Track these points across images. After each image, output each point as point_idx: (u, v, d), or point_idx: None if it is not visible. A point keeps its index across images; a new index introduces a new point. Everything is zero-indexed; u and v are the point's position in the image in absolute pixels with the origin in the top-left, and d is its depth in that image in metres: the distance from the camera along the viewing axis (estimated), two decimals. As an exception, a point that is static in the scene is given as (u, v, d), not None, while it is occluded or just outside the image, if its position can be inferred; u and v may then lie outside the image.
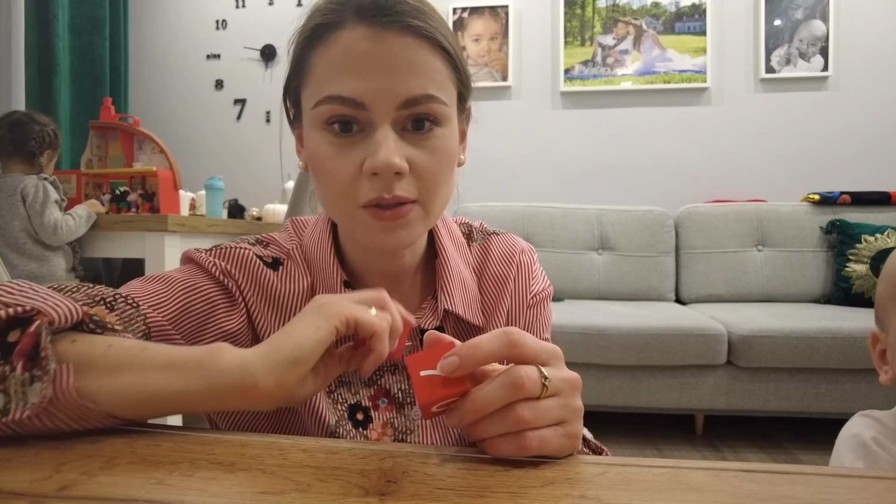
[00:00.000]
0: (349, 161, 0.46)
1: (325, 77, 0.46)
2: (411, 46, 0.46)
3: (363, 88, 0.45)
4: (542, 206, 2.64)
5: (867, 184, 2.60)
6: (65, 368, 0.35)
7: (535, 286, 0.61)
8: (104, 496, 0.28)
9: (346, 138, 0.46)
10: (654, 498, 0.29)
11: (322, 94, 0.46)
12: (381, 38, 0.45)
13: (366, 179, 0.46)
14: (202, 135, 3.19)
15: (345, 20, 0.46)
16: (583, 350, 1.96)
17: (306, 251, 0.57)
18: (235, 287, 0.52)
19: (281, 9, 3.12)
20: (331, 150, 0.47)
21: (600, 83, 2.86)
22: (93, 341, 0.38)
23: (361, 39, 0.45)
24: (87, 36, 2.94)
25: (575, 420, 0.37)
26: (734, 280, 2.46)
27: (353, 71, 0.45)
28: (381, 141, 0.45)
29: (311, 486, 0.30)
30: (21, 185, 1.78)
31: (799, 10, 2.72)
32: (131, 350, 0.38)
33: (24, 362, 0.34)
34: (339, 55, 0.46)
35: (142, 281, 0.50)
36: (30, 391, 0.34)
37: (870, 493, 0.30)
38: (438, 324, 0.56)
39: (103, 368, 0.36)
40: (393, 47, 0.45)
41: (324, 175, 0.48)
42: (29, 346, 0.35)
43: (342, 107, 0.45)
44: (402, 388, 0.55)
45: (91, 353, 0.37)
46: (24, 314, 0.36)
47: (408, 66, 0.45)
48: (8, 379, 0.34)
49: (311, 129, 0.49)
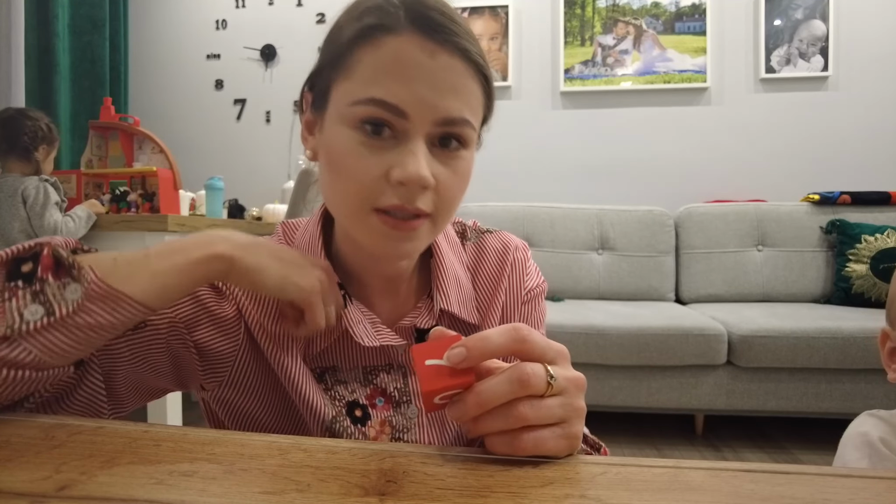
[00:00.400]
0: (374, 163, 0.46)
1: (370, 77, 0.46)
2: (458, 69, 0.47)
3: (407, 97, 0.45)
4: (542, 206, 2.64)
5: (867, 184, 2.60)
6: (90, 268, 0.40)
7: (529, 282, 0.61)
8: (104, 496, 0.28)
9: (376, 140, 0.46)
10: (654, 498, 0.29)
11: (365, 95, 0.46)
12: (434, 54, 0.46)
13: (388, 186, 0.46)
14: (202, 135, 3.19)
15: (401, 27, 0.46)
16: (583, 350, 1.96)
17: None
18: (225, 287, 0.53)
19: (281, 9, 3.12)
20: (359, 150, 0.46)
21: (600, 83, 2.86)
22: (97, 256, 0.43)
23: (415, 50, 0.45)
24: (87, 36, 2.95)
25: (576, 420, 0.37)
26: (734, 280, 2.46)
27: (402, 78, 0.45)
28: (415, 153, 0.45)
29: (311, 486, 0.30)
30: (22, 187, 1.78)
31: (799, 10, 2.72)
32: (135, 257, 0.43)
33: (52, 272, 0.39)
34: (389, 59, 0.46)
35: None
36: (68, 291, 0.39)
37: (870, 493, 0.30)
38: (434, 323, 0.56)
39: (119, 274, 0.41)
40: (443, 65, 0.46)
41: (344, 171, 0.47)
42: (51, 263, 0.40)
43: (383, 111, 0.45)
44: (398, 387, 0.55)
45: (101, 264, 0.41)
46: (28, 250, 0.40)
47: (453, 86, 0.46)
48: (42, 292, 0.38)
49: (338, 124, 0.48)
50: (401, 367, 0.56)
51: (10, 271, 0.39)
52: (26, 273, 0.39)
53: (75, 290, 0.39)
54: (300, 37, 3.09)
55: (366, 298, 0.56)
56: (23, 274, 0.39)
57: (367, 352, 0.55)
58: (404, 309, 0.58)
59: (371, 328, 0.54)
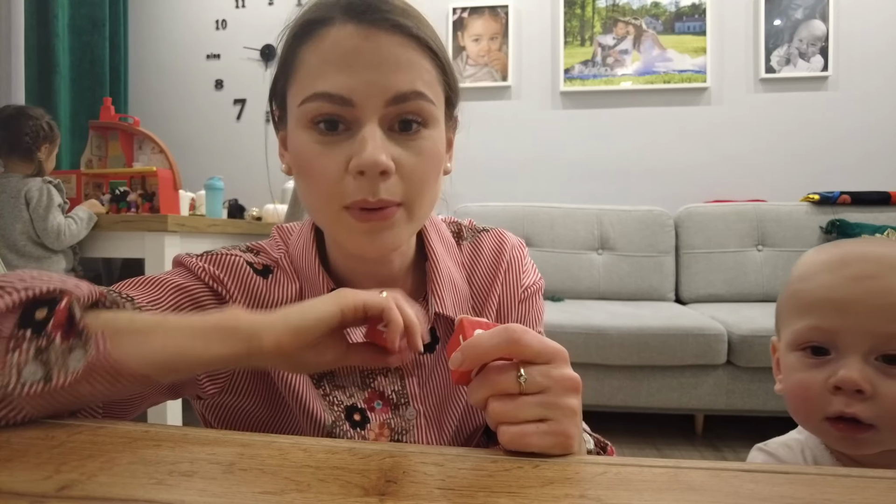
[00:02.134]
0: (334, 159, 0.46)
1: (312, 73, 0.46)
2: (399, 43, 0.46)
3: (351, 84, 0.44)
4: (542, 206, 2.64)
5: (867, 184, 2.60)
6: (100, 335, 0.38)
7: (525, 279, 0.61)
8: (104, 496, 0.28)
9: (331, 136, 0.46)
10: (654, 498, 0.29)
11: (309, 91, 0.46)
12: (370, 35, 0.45)
13: (351, 179, 0.45)
14: (202, 135, 3.19)
15: (334, 17, 0.46)
16: (583, 350, 1.96)
17: (293, 259, 0.56)
18: (225, 292, 0.53)
19: (281, 9, 3.12)
20: (316, 149, 0.46)
21: (600, 83, 2.86)
22: (115, 315, 0.42)
23: (350, 36, 0.45)
24: (87, 36, 2.94)
25: (563, 419, 0.36)
26: (734, 280, 2.46)
27: (342, 67, 0.45)
28: (367, 138, 0.44)
29: (311, 486, 0.30)
30: (25, 189, 1.77)
31: (799, 10, 2.72)
32: (153, 318, 0.42)
33: (62, 333, 0.37)
34: (327, 51, 0.46)
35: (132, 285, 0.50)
36: (70, 358, 0.37)
37: (870, 493, 0.30)
38: (430, 326, 0.56)
39: (133, 333, 0.40)
40: (381, 43, 0.45)
41: (308, 175, 0.48)
42: (64, 319, 0.38)
43: (330, 104, 0.45)
44: (396, 390, 0.55)
45: (117, 323, 0.40)
46: (47, 294, 0.39)
47: (396, 62, 0.45)
48: (46, 350, 0.37)
49: (296, 129, 0.48)
50: (397, 370, 0.55)
51: (24, 314, 0.37)
52: (39, 321, 0.37)
53: (79, 359, 0.37)
54: (300, 37, 3.09)
55: None
56: (35, 322, 0.37)
57: None
58: None
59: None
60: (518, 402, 0.36)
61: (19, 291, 0.37)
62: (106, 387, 0.38)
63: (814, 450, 0.57)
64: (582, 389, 0.39)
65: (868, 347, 0.49)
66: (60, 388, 0.37)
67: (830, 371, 0.51)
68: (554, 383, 0.37)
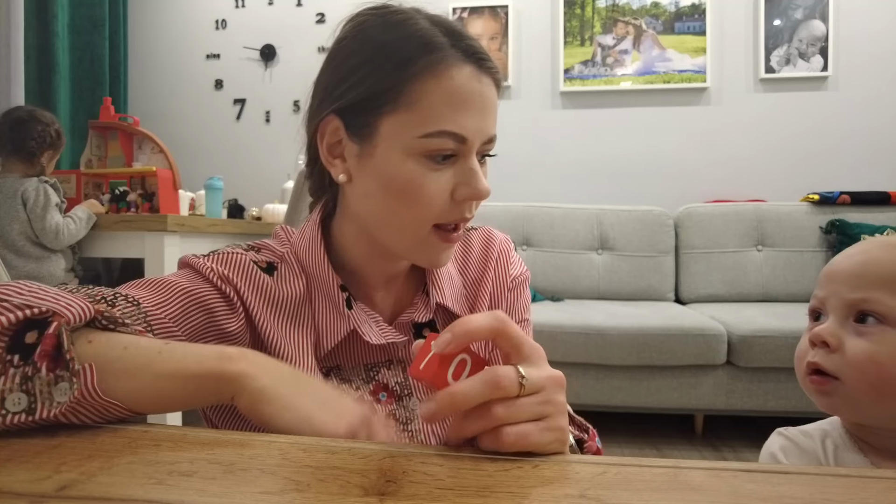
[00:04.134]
0: (442, 186, 0.50)
1: (437, 110, 0.49)
2: (494, 91, 0.52)
3: (471, 126, 0.50)
4: (541, 206, 2.64)
5: (867, 184, 2.60)
6: (88, 369, 0.37)
7: (513, 270, 0.65)
8: (104, 496, 0.28)
9: (440, 165, 0.50)
10: (654, 498, 0.29)
11: (435, 128, 0.49)
12: (481, 80, 0.51)
13: (452, 202, 0.51)
14: (202, 135, 3.19)
15: (453, 58, 0.49)
16: (583, 350, 1.96)
17: (298, 255, 0.58)
18: (234, 292, 0.53)
19: (281, 9, 3.12)
20: (427, 176, 0.50)
21: (600, 83, 2.86)
22: (108, 341, 0.40)
23: (471, 80, 0.50)
24: (87, 35, 2.94)
25: (558, 415, 0.38)
26: (734, 280, 2.46)
27: (465, 109, 0.49)
28: (476, 171, 0.51)
29: (311, 486, 0.30)
30: (22, 189, 1.77)
31: (798, 10, 2.72)
32: (147, 353, 0.40)
33: (48, 363, 0.36)
34: (453, 91, 0.49)
35: (138, 286, 0.50)
36: (55, 391, 0.36)
37: (869, 493, 0.30)
38: (431, 317, 0.59)
39: (122, 371, 0.38)
40: (487, 90, 0.51)
41: (413, 197, 0.50)
42: (51, 348, 0.36)
43: (452, 141, 0.49)
44: (399, 381, 0.57)
45: (108, 354, 0.39)
46: (39, 315, 0.37)
47: (493, 108, 0.52)
48: (32, 380, 0.36)
49: (400, 154, 0.50)
50: (400, 362, 0.58)
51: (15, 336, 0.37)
52: (28, 345, 0.36)
53: (63, 392, 0.36)
54: (300, 37, 3.09)
55: (367, 296, 0.59)
56: (24, 346, 0.36)
57: (370, 349, 0.57)
58: (402, 304, 0.60)
59: (375, 326, 0.56)
60: (519, 403, 0.36)
61: (14, 311, 0.37)
62: (93, 419, 0.38)
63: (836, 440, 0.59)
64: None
65: (844, 310, 0.55)
66: (43, 420, 0.35)
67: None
68: (547, 382, 0.38)
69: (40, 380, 0.36)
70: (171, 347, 0.41)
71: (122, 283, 0.51)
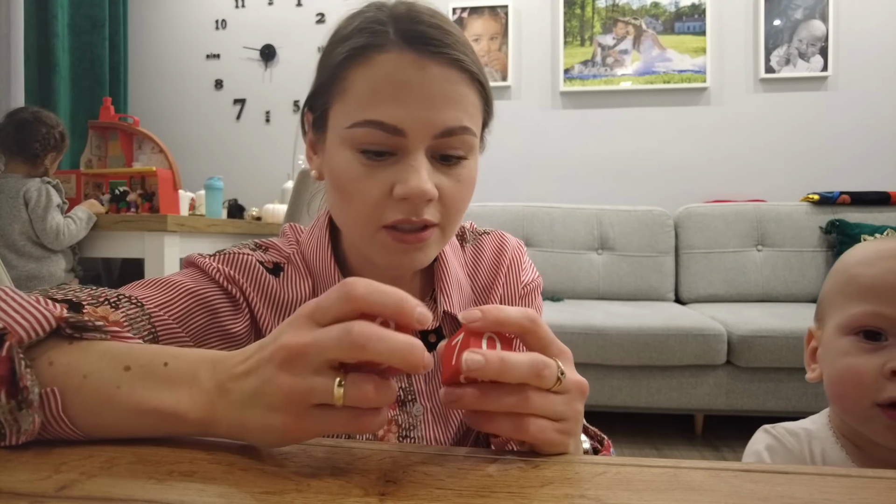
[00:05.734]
0: (378, 182, 0.47)
1: (365, 99, 0.46)
2: (452, 79, 0.46)
3: (403, 116, 0.45)
4: (541, 206, 2.64)
5: (867, 184, 2.60)
6: (51, 394, 0.33)
7: (525, 277, 0.63)
8: (104, 496, 0.28)
9: (377, 161, 0.47)
10: (654, 498, 0.29)
11: (361, 117, 0.46)
12: (425, 67, 0.46)
13: (393, 202, 0.47)
14: (202, 135, 3.19)
15: (389, 43, 0.46)
16: (583, 350, 1.96)
17: (305, 257, 0.57)
18: (239, 293, 0.52)
19: (281, 9, 3.12)
20: (360, 171, 0.47)
21: (600, 83, 2.86)
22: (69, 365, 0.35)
23: (406, 66, 0.45)
24: (87, 36, 2.94)
25: (573, 420, 0.37)
26: (733, 280, 2.46)
27: (395, 97, 0.45)
28: (415, 168, 0.46)
29: (310, 486, 0.30)
30: (24, 189, 1.77)
31: (798, 10, 2.72)
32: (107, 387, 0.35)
33: (6, 389, 0.33)
34: (382, 79, 0.46)
35: (143, 286, 0.50)
36: (21, 417, 0.33)
37: (869, 493, 0.30)
38: (437, 325, 0.57)
39: (83, 406, 0.34)
40: (435, 77, 0.46)
41: (349, 194, 0.48)
42: (6, 372, 0.33)
43: (381, 132, 0.45)
44: (403, 387, 0.56)
45: (68, 384, 0.34)
46: None
47: (447, 97, 0.46)
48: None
49: (339, 147, 0.48)
50: None
51: None
52: None
53: (28, 419, 0.33)
54: (300, 37, 3.09)
55: None
56: None
57: None
58: None
59: None
60: (551, 398, 0.36)
61: None
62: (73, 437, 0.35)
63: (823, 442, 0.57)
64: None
65: None
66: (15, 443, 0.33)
67: (888, 356, 0.51)
68: (574, 386, 0.38)
69: (2, 407, 0.32)
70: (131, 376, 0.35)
71: (122, 283, 0.51)
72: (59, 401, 0.33)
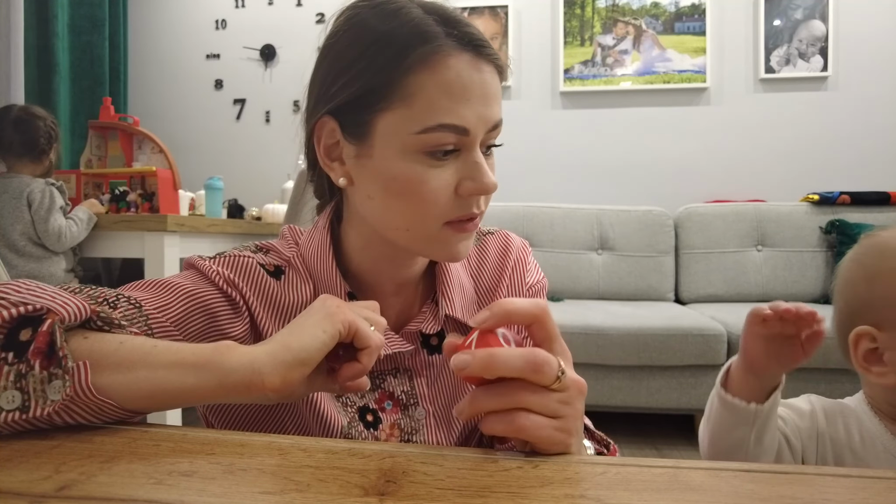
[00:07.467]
0: (444, 181, 0.48)
1: (436, 103, 0.46)
2: (496, 76, 0.50)
3: (470, 116, 0.47)
4: (541, 206, 2.64)
5: (867, 184, 2.60)
6: (82, 366, 0.37)
7: (530, 278, 0.63)
8: (104, 496, 0.28)
9: (442, 160, 0.48)
10: (654, 498, 0.29)
11: (435, 121, 0.46)
12: (481, 68, 0.48)
13: (457, 198, 0.49)
14: (202, 135, 3.19)
15: (449, 47, 0.47)
16: (582, 350, 1.96)
17: (305, 260, 0.56)
18: (239, 296, 0.52)
19: (281, 9, 3.12)
20: (429, 173, 0.48)
21: (600, 83, 2.86)
22: (103, 338, 0.40)
23: (467, 68, 0.47)
24: (87, 35, 2.94)
25: (572, 419, 0.37)
26: (734, 280, 2.46)
27: (464, 99, 0.47)
28: (480, 164, 0.48)
29: (310, 486, 0.30)
30: (28, 190, 1.77)
31: (798, 11, 2.72)
32: (142, 347, 0.39)
33: (41, 361, 0.36)
34: (450, 82, 0.46)
35: (142, 287, 0.50)
36: (49, 389, 0.36)
37: (869, 493, 0.30)
38: (439, 328, 0.57)
39: (117, 365, 0.38)
40: (488, 77, 0.48)
41: (416, 196, 0.48)
42: (44, 345, 0.36)
43: (453, 134, 0.47)
44: (405, 390, 0.56)
45: (103, 349, 0.38)
46: (34, 312, 0.37)
47: (496, 94, 0.49)
48: (26, 377, 0.35)
49: (399, 152, 0.47)
50: (406, 371, 0.56)
51: (10, 333, 0.37)
52: (22, 342, 0.36)
53: (57, 390, 0.36)
54: (300, 37, 3.09)
55: None
56: (18, 343, 0.36)
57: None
58: (411, 313, 0.58)
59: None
60: (548, 394, 0.36)
61: (9, 308, 0.36)
62: (87, 418, 0.37)
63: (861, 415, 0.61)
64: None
65: None
66: (38, 419, 0.35)
67: None
68: (572, 385, 0.38)
69: (34, 377, 0.35)
70: (166, 343, 0.41)
71: (122, 283, 0.51)
72: (87, 373, 0.37)
